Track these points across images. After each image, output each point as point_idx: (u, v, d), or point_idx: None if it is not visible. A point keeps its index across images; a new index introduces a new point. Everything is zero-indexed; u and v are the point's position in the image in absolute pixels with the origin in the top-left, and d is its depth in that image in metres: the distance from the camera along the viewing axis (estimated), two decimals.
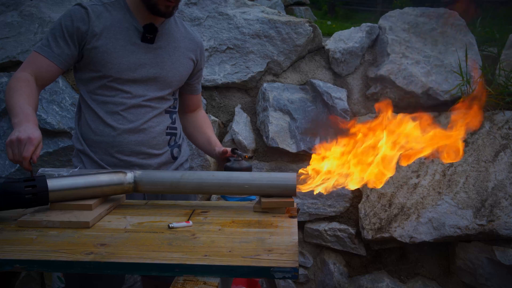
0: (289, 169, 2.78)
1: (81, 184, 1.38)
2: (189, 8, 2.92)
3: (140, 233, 1.24)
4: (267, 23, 2.85)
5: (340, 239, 2.73)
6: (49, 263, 1.07)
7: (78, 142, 1.76)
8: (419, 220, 2.55)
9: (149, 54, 1.72)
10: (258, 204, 1.44)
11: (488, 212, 2.49)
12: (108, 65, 1.66)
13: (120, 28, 1.68)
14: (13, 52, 2.79)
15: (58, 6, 2.90)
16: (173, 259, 1.07)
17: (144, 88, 1.73)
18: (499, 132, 2.65)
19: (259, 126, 2.82)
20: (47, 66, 1.65)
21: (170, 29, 1.78)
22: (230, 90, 2.91)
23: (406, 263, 2.74)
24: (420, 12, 2.96)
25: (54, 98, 2.68)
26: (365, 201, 2.67)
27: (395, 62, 2.80)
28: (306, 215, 2.75)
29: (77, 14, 1.65)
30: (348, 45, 2.90)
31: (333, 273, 2.75)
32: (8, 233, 1.24)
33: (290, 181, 1.42)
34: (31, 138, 1.37)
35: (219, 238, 1.21)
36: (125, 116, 1.70)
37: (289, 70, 2.94)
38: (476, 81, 2.68)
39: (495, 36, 3.27)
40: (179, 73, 1.80)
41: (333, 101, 2.74)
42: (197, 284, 1.03)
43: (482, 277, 2.55)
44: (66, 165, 2.66)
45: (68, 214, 1.33)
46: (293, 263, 1.05)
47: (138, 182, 1.45)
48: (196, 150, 2.70)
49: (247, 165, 1.70)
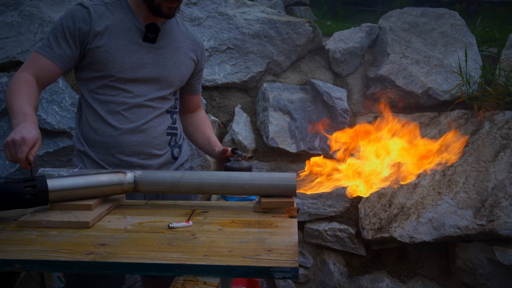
0: (289, 169, 2.78)
1: (81, 184, 1.38)
2: (189, 8, 2.92)
3: (140, 233, 1.24)
4: (267, 23, 2.85)
5: (340, 239, 2.73)
6: (49, 263, 1.07)
7: (79, 143, 1.76)
8: (419, 220, 2.55)
9: (151, 54, 1.72)
10: (258, 204, 1.45)
11: (488, 212, 2.49)
12: (110, 64, 1.66)
13: (122, 28, 1.68)
14: (13, 52, 2.79)
15: (58, 6, 2.90)
16: (173, 259, 1.07)
17: (146, 88, 1.73)
18: (499, 132, 2.65)
19: (259, 126, 2.82)
20: (48, 66, 1.65)
21: (171, 29, 1.78)
22: (230, 90, 2.91)
23: (406, 263, 2.74)
24: (420, 12, 2.97)
25: (54, 98, 2.68)
26: (365, 201, 2.67)
27: (395, 62, 2.80)
28: (306, 215, 2.75)
29: (78, 14, 1.65)
30: (348, 45, 2.90)
31: (333, 273, 2.75)
32: (8, 233, 1.24)
33: (290, 181, 1.42)
34: (25, 138, 1.37)
35: (219, 238, 1.21)
36: (126, 116, 1.70)
37: (289, 70, 2.94)
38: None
39: (495, 36, 3.27)
40: (181, 73, 1.80)
41: (333, 101, 2.74)
42: (197, 284, 1.03)
43: (482, 277, 2.55)
44: (66, 165, 2.66)
45: (68, 214, 1.32)
46: (293, 263, 1.05)
47: (138, 182, 1.45)
48: (196, 150, 2.70)
49: (247, 165, 1.70)
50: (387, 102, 2.82)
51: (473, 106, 2.71)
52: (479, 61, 2.84)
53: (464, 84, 2.71)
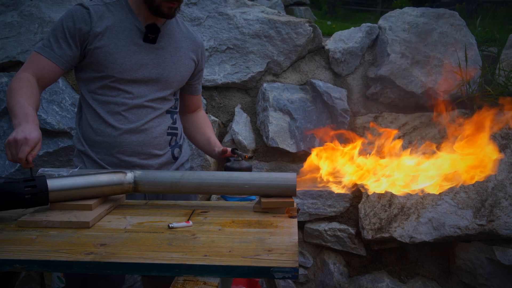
0: (289, 169, 2.78)
1: (81, 184, 1.38)
2: (189, 8, 2.92)
3: (140, 233, 1.24)
4: (267, 23, 2.85)
5: (340, 239, 2.73)
6: (49, 263, 1.07)
7: (79, 143, 1.76)
8: (419, 220, 2.55)
9: (151, 54, 1.72)
10: (258, 204, 1.45)
11: (488, 212, 2.49)
12: (110, 65, 1.66)
13: (122, 28, 1.68)
14: (13, 52, 2.79)
15: (58, 6, 2.90)
16: (173, 259, 1.07)
17: (146, 88, 1.73)
18: (499, 132, 2.65)
19: (259, 126, 2.82)
20: (49, 67, 1.65)
21: (171, 29, 1.78)
22: (230, 90, 2.91)
23: (406, 263, 2.74)
24: (420, 12, 2.96)
25: (54, 98, 2.68)
26: (365, 201, 2.67)
27: (395, 62, 2.80)
28: (306, 215, 2.75)
29: (78, 15, 1.65)
30: (348, 45, 2.90)
31: (333, 273, 2.75)
32: (8, 233, 1.24)
33: (290, 181, 1.42)
34: (27, 138, 1.37)
35: (219, 238, 1.21)
36: (126, 116, 1.70)
37: (289, 70, 2.94)
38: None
39: (495, 36, 3.27)
40: (181, 73, 1.80)
41: (333, 101, 2.74)
42: (197, 284, 1.03)
43: (482, 277, 2.55)
44: (66, 165, 2.66)
45: (68, 214, 1.33)
46: (293, 263, 1.05)
47: (138, 182, 1.45)
48: (196, 150, 2.70)
49: (247, 165, 1.70)
50: (387, 102, 2.82)
51: (473, 106, 2.71)
52: (479, 61, 2.84)
53: (464, 84, 2.71)
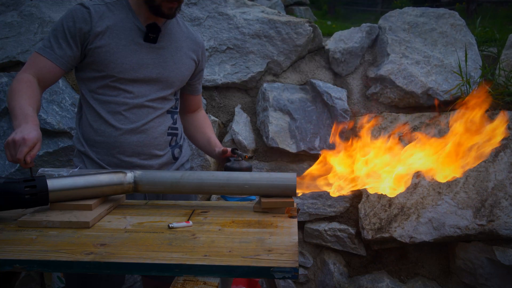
0: (289, 169, 2.78)
1: (81, 184, 1.38)
2: (189, 8, 2.92)
3: (140, 233, 1.24)
4: (267, 23, 2.85)
5: (340, 239, 2.74)
6: (49, 263, 1.07)
7: (79, 143, 1.76)
8: (419, 220, 2.55)
9: (151, 54, 1.72)
10: (258, 204, 1.45)
11: (488, 212, 2.49)
12: (111, 64, 1.66)
13: (123, 28, 1.68)
14: (13, 52, 2.79)
15: (58, 6, 2.90)
16: (173, 259, 1.07)
17: (147, 88, 1.72)
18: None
19: (259, 126, 2.82)
20: (49, 67, 1.65)
21: (172, 29, 1.78)
22: (230, 90, 2.91)
23: (406, 263, 2.75)
24: (420, 12, 2.96)
25: (54, 98, 2.68)
26: (365, 201, 2.67)
27: (395, 62, 2.80)
28: (306, 215, 2.75)
29: (79, 15, 1.64)
30: (348, 45, 2.90)
31: (333, 273, 2.75)
32: (8, 233, 1.24)
33: (290, 181, 1.42)
34: (25, 139, 1.37)
35: (219, 238, 1.21)
36: (127, 116, 1.70)
37: (289, 70, 2.94)
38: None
39: (495, 36, 3.27)
40: (181, 73, 1.80)
41: (333, 101, 2.74)
42: (197, 284, 1.03)
43: (482, 277, 2.55)
44: (66, 165, 2.66)
45: (68, 214, 1.33)
46: (293, 263, 1.05)
47: (138, 182, 1.45)
48: (196, 150, 2.70)
49: (247, 165, 1.70)
50: (387, 102, 2.82)
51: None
52: (479, 61, 2.84)
53: (464, 84, 2.71)
